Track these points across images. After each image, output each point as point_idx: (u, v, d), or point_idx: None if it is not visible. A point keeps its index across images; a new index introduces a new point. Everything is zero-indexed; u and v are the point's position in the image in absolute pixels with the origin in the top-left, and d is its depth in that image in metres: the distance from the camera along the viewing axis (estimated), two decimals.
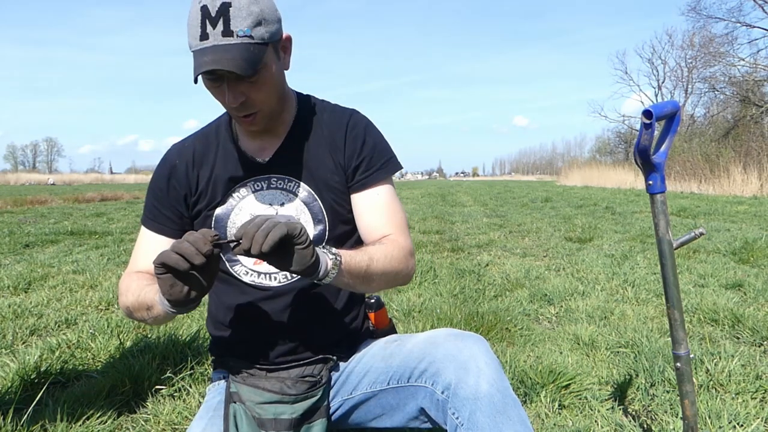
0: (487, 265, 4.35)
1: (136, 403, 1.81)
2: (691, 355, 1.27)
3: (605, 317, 2.80)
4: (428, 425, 1.12)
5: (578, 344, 2.37)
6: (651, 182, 1.20)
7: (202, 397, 1.72)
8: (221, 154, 1.22)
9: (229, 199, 1.20)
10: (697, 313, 2.78)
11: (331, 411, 1.22)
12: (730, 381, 1.88)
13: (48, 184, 41.09)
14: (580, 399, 1.82)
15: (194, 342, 2.30)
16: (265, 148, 1.21)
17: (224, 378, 1.25)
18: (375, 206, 1.20)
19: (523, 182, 44.99)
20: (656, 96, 38.58)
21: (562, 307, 3.04)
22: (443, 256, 4.77)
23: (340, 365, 1.24)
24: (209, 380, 1.48)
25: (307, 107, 1.25)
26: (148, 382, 1.90)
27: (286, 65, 1.15)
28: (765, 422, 1.63)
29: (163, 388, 1.90)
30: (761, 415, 1.66)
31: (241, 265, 1.22)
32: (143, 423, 1.69)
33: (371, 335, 1.32)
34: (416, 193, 19.36)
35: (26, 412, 1.62)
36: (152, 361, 2.06)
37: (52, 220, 8.53)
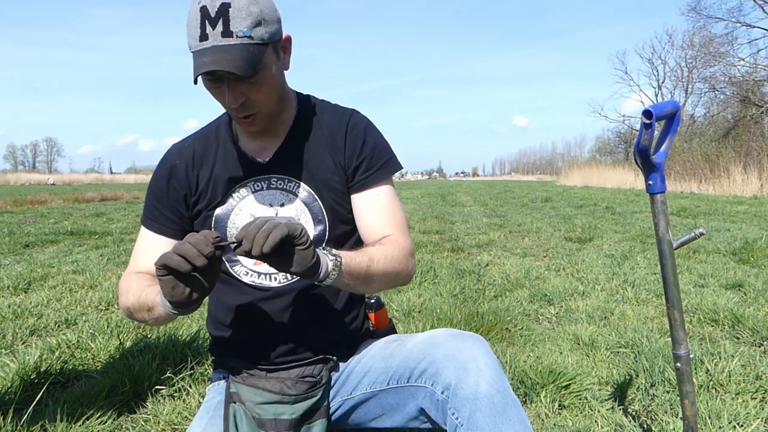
0: (487, 265, 4.35)
1: (136, 403, 1.81)
2: (691, 356, 1.27)
3: (605, 317, 2.80)
4: (428, 425, 1.12)
5: (578, 344, 2.37)
6: (651, 182, 1.20)
7: (202, 397, 1.72)
8: (221, 154, 1.22)
9: (229, 200, 1.20)
10: (697, 313, 2.78)
11: (331, 411, 1.22)
12: (730, 381, 1.88)
13: (48, 184, 41.09)
14: (580, 399, 1.82)
15: (194, 342, 2.30)
16: (265, 149, 1.20)
17: (224, 378, 1.25)
18: (375, 206, 1.20)
19: (523, 182, 44.99)
20: (656, 96, 38.60)
21: (562, 307, 3.04)
22: (443, 256, 4.78)
23: (340, 365, 1.24)
24: (209, 380, 1.48)
25: (307, 107, 1.25)
26: (148, 382, 1.90)
27: (286, 65, 1.15)
28: (765, 422, 1.63)
29: (163, 388, 1.90)
30: (761, 415, 1.66)
31: (241, 266, 1.22)
32: (143, 423, 1.69)
33: (371, 335, 1.32)
34: (416, 193, 19.36)
35: (26, 412, 1.62)
36: (152, 361, 2.06)
37: (52, 220, 8.53)
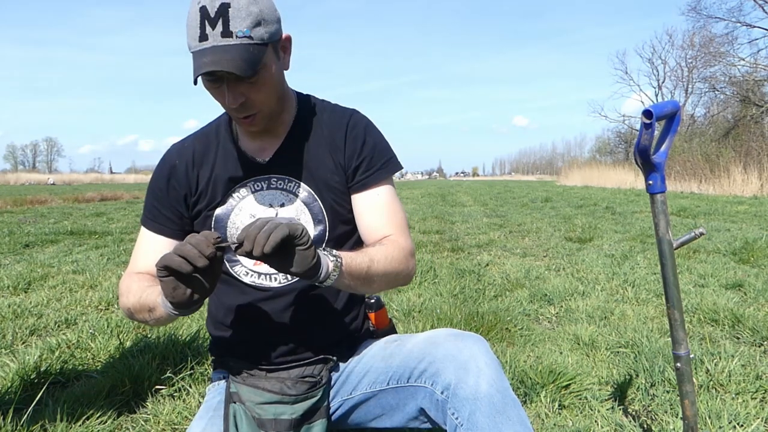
0: (487, 265, 4.35)
1: (136, 403, 1.81)
2: (691, 355, 1.27)
3: (605, 317, 2.80)
4: (428, 425, 1.12)
5: (578, 344, 2.37)
6: (651, 182, 1.20)
7: (202, 397, 1.72)
8: (221, 154, 1.22)
9: (229, 200, 1.20)
10: (697, 313, 2.78)
11: (331, 411, 1.22)
12: (730, 381, 1.88)
13: (48, 184, 41.10)
14: (580, 399, 1.82)
15: (194, 342, 2.30)
16: (265, 149, 1.20)
17: (224, 378, 1.25)
18: (375, 206, 1.20)
19: (523, 182, 44.99)
20: (656, 96, 38.61)
21: (562, 307, 3.03)
22: (443, 256, 4.77)
23: (340, 365, 1.24)
24: (209, 380, 1.48)
25: (307, 107, 1.25)
26: (148, 382, 1.90)
27: (286, 65, 1.15)
28: (765, 422, 1.63)
29: (163, 388, 1.90)
30: (761, 415, 1.66)
31: (241, 266, 1.22)
32: (143, 423, 1.69)
33: (371, 335, 1.32)
34: (416, 193, 19.36)
35: (26, 412, 1.62)
36: (152, 361, 2.06)
37: (51, 220, 8.54)
